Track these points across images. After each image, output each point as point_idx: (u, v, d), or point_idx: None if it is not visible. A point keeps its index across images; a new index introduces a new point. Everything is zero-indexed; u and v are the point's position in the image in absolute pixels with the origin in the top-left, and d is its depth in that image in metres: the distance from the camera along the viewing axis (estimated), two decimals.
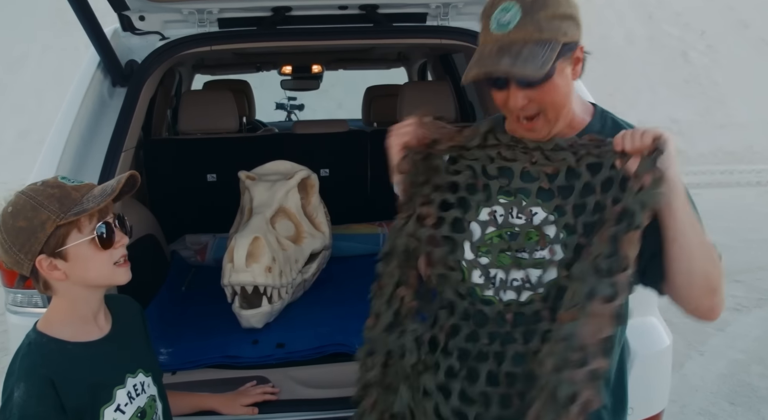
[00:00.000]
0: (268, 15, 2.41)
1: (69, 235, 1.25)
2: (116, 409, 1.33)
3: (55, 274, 1.26)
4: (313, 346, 2.14)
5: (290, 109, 6.88)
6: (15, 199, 1.26)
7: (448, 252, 1.36)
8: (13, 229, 1.24)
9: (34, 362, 1.26)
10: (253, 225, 2.33)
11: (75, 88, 2.11)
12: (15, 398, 1.22)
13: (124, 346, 1.41)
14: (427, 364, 1.33)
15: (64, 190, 1.26)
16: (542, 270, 1.28)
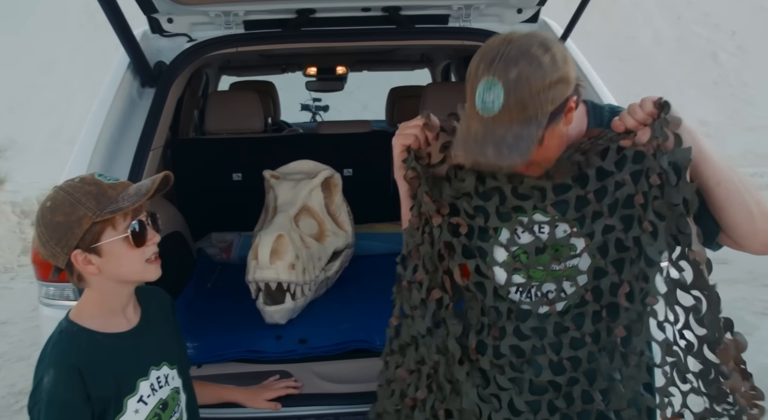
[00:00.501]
0: (293, 17, 2.46)
1: (104, 231, 1.29)
2: (139, 400, 1.37)
3: (89, 268, 1.30)
4: (335, 342, 2.18)
5: (315, 110, 6.92)
6: (53, 194, 1.30)
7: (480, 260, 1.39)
8: (51, 224, 1.27)
9: (64, 350, 1.31)
10: (277, 223, 2.37)
11: (106, 89, 2.17)
12: (44, 383, 1.27)
13: (150, 339, 1.45)
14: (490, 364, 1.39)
15: (100, 188, 1.29)
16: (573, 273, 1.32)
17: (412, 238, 1.43)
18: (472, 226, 1.38)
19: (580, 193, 1.29)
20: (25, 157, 12.46)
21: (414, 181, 1.41)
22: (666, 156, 1.20)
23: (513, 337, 1.37)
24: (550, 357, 1.35)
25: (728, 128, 12.65)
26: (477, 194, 1.37)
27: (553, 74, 1.15)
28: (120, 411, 1.34)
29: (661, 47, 14.71)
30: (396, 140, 1.42)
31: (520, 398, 1.36)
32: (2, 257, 6.59)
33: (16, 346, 4.40)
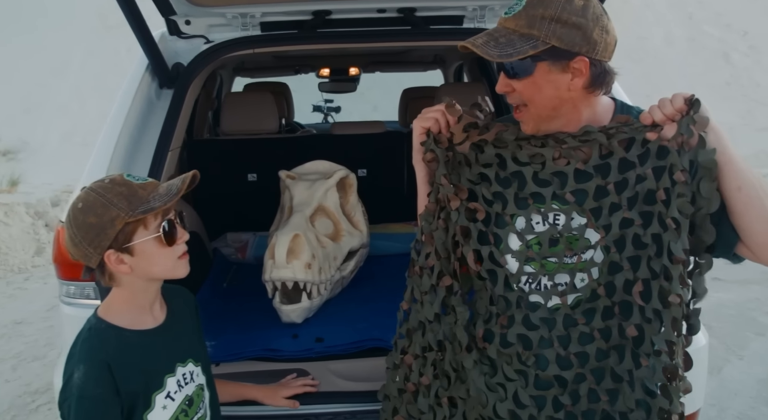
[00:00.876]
0: (309, 19, 2.48)
1: (136, 231, 1.31)
2: (166, 396, 1.39)
3: (121, 267, 1.32)
4: (351, 341, 2.20)
5: (327, 111, 6.95)
6: (84, 195, 1.31)
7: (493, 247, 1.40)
8: (83, 225, 1.29)
9: (93, 346, 1.33)
10: (294, 223, 2.39)
11: (125, 90, 2.20)
12: (74, 379, 1.29)
13: (176, 336, 1.47)
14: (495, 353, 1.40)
15: (131, 189, 1.31)
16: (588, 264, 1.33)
17: (427, 224, 1.44)
18: (489, 212, 1.39)
19: (600, 183, 1.30)
20: (37, 158, 12.53)
21: (432, 164, 1.41)
22: (688, 154, 1.22)
23: (521, 326, 1.38)
24: (557, 351, 1.35)
25: (740, 129, 12.57)
26: (497, 180, 1.38)
27: (574, 16, 1.22)
28: (148, 407, 1.36)
29: (673, 48, 14.64)
30: (416, 123, 1.44)
31: (525, 391, 1.37)
32: (16, 258, 6.64)
33: (31, 346, 4.43)
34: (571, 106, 1.31)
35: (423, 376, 1.48)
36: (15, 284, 6.05)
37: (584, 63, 1.25)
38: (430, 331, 1.45)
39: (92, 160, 2.02)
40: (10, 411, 3.48)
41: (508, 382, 1.38)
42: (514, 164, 1.36)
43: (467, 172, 1.41)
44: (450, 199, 1.38)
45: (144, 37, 2.13)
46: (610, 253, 1.31)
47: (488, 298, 1.41)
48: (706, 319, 2.35)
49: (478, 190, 1.40)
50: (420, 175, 1.50)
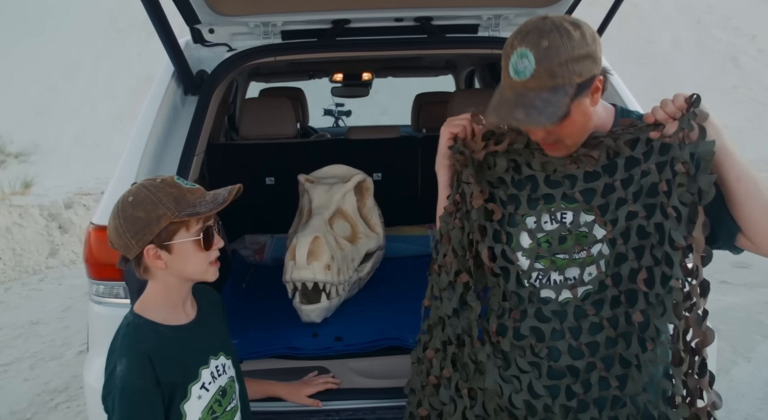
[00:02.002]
0: (329, 27, 2.54)
1: (178, 232, 1.39)
2: (201, 387, 1.47)
3: (157, 263, 1.40)
4: (369, 340, 2.26)
5: (338, 115, 7.01)
6: (136, 190, 1.39)
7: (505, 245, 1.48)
8: (131, 218, 1.36)
9: (133, 340, 1.40)
10: (313, 225, 2.46)
11: (152, 96, 2.27)
12: (117, 372, 1.36)
13: (208, 331, 1.55)
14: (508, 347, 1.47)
15: (180, 191, 1.40)
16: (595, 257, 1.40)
17: (445, 224, 1.54)
18: (504, 213, 1.48)
19: (608, 181, 1.38)
20: (49, 161, 12.62)
21: (460, 163, 1.50)
22: (689, 147, 1.29)
23: (533, 319, 1.45)
24: (568, 342, 1.42)
25: (748, 132, 12.56)
26: (512, 183, 1.47)
27: (581, 48, 1.25)
28: (185, 397, 1.43)
29: (681, 51, 14.63)
30: (444, 129, 1.53)
31: (539, 382, 1.43)
32: (31, 259, 6.72)
33: (48, 346, 4.50)
34: (590, 126, 1.37)
35: (444, 369, 1.55)
36: (30, 285, 6.13)
37: (600, 81, 1.32)
38: (450, 325, 1.53)
39: (122, 163, 2.08)
40: (30, 409, 3.55)
41: (522, 374, 1.45)
42: (528, 169, 1.45)
43: (488, 175, 1.50)
44: (474, 197, 1.46)
45: (171, 46, 2.20)
46: (617, 245, 1.38)
47: (501, 294, 1.49)
48: (714, 322, 2.38)
49: (496, 193, 1.49)
50: (443, 180, 1.58)
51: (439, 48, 2.76)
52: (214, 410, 1.50)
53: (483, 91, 4.30)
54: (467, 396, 1.52)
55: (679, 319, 1.33)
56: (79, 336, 4.54)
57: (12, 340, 4.65)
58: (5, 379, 3.97)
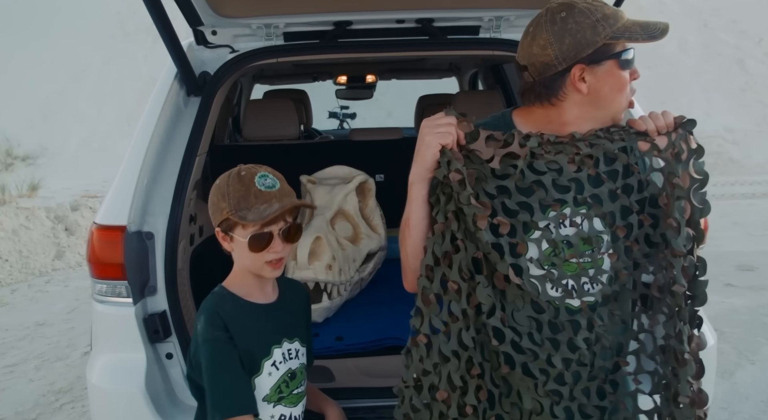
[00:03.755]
0: (330, 29, 2.56)
1: (235, 228, 1.49)
2: (272, 364, 1.56)
3: (225, 245, 1.54)
4: (370, 340, 2.28)
5: (342, 117, 7.03)
6: (224, 177, 1.53)
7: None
8: (211, 198, 1.53)
9: (213, 303, 1.54)
10: (315, 225, 2.48)
11: (155, 97, 2.28)
12: (198, 329, 1.50)
13: (285, 316, 1.63)
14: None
15: (247, 192, 1.47)
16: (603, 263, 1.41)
17: (438, 246, 1.34)
18: (513, 224, 1.35)
19: (612, 188, 1.39)
20: (56, 164, 12.70)
21: (456, 184, 1.31)
22: (682, 165, 1.36)
23: (569, 329, 1.37)
24: (603, 343, 1.41)
25: (755, 135, 12.55)
26: (518, 190, 1.35)
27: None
28: (257, 371, 1.54)
29: (688, 54, 14.62)
30: (431, 139, 1.34)
31: (577, 387, 1.40)
32: (37, 261, 6.76)
33: (54, 347, 4.53)
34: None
35: (466, 405, 1.35)
36: (36, 287, 6.17)
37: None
38: (469, 357, 1.35)
39: (125, 163, 2.10)
40: (35, 409, 3.57)
41: (562, 386, 1.38)
42: (533, 174, 1.35)
43: (486, 187, 1.36)
44: (477, 219, 1.30)
45: (174, 48, 2.21)
46: (633, 251, 1.41)
47: (530, 309, 1.36)
48: (719, 325, 2.40)
49: (496, 204, 1.35)
50: (420, 194, 1.39)
51: (441, 49, 2.77)
52: (282, 390, 1.57)
53: (486, 93, 4.31)
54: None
55: (684, 322, 1.36)
56: (84, 337, 4.56)
57: (18, 341, 4.68)
58: (11, 379, 4.00)
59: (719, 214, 7.99)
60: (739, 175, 11.00)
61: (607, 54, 1.36)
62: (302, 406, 1.66)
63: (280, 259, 1.54)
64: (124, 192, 2.03)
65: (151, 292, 2.01)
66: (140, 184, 2.05)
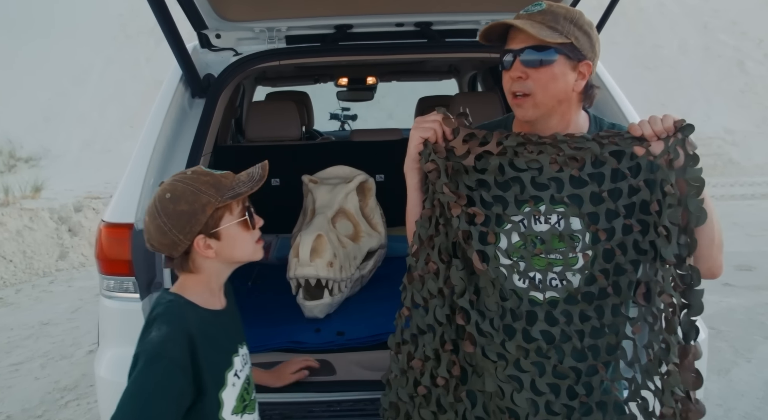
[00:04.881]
0: (332, 32, 2.61)
1: (223, 217, 1.39)
2: (234, 374, 1.46)
3: (208, 252, 1.39)
4: (370, 334, 2.34)
5: (344, 119, 7.07)
6: (170, 186, 1.39)
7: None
8: (174, 213, 1.35)
9: (176, 314, 1.38)
10: (317, 224, 2.53)
11: (160, 99, 2.34)
12: (153, 337, 1.31)
13: (234, 319, 1.56)
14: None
15: (215, 178, 1.41)
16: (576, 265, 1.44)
17: (424, 229, 1.49)
18: (488, 215, 1.45)
19: (595, 190, 1.42)
20: (59, 165, 12.74)
21: (433, 173, 1.45)
22: (676, 172, 1.35)
23: (543, 323, 1.44)
24: (574, 344, 1.44)
25: (755, 137, 12.57)
26: (496, 184, 1.46)
27: (586, 26, 1.41)
28: (223, 385, 1.42)
29: (688, 56, 14.65)
30: (414, 133, 1.49)
31: (542, 380, 1.44)
32: (41, 262, 6.81)
33: (58, 346, 4.58)
34: (567, 107, 1.45)
35: (437, 377, 1.49)
36: (40, 287, 6.22)
37: (588, 68, 1.42)
38: (443, 332, 1.48)
39: (131, 164, 2.15)
40: (41, 407, 3.62)
41: (523, 373, 1.44)
42: (512, 170, 1.45)
43: (465, 179, 1.47)
44: (451, 207, 1.43)
45: (179, 50, 2.27)
46: (616, 256, 1.42)
47: (498, 295, 1.46)
48: (716, 323, 2.43)
49: (475, 195, 1.47)
50: (412, 183, 1.55)
51: (439, 52, 2.83)
52: (244, 398, 1.50)
53: (485, 94, 4.36)
54: (466, 399, 1.50)
55: (671, 333, 1.36)
56: (88, 336, 4.61)
57: (23, 340, 4.73)
58: (17, 377, 4.04)
59: (719, 214, 7.97)
60: (738, 176, 11.03)
61: None
62: (258, 408, 1.59)
63: (260, 237, 1.49)
64: (131, 191, 2.08)
65: (157, 288, 2.06)
66: (147, 183, 2.10)
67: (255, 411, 1.56)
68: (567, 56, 1.39)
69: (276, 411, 1.97)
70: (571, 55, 1.39)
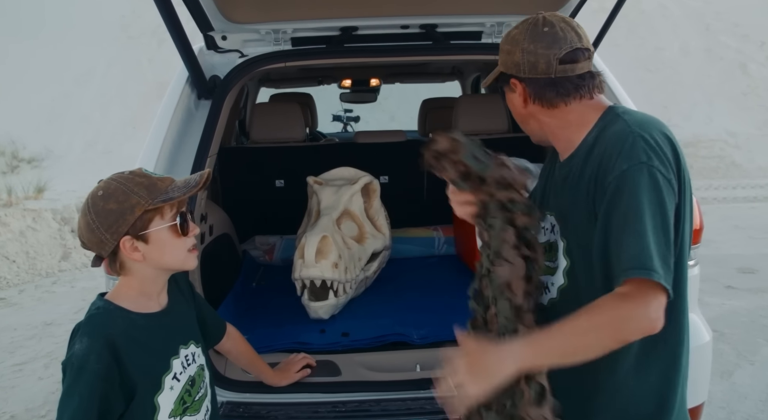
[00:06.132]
0: (337, 34, 2.62)
1: (153, 220, 1.36)
2: (173, 378, 1.43)
3: (134, 255, 1.36)
4: (375, 336, 2.34)
5: (346, 120, 7.08)
6: (105, 184, 1.37)
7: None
8: (102, 211, 1.33)
9: (99, 323, 1.35)
10: (322, 225, 2.54)
11: (167, 100, 2.35)
12: (76, 350, 1.30)
13: (178, 319, 1.51)
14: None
15: (150, 180, 1.38)
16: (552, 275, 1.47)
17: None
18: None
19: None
20: (61, 166, 12.73)
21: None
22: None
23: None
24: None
25: (757, 139, 12.55)
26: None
27: (504, 44, 1.45)
28: (159, 389, 1.40)
29: (690, 58, 14.62)
30: (463, 215, 1.51)
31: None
32: (44, 262, 6.81)
33: (62, 346, 4.57)
34: (536, 121, 1.46)
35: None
36: (43, 288, 6.22)
37: (514, 82, 1.43)
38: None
39: (139, 163, 2.16)
40: (45, 407, 3.63)
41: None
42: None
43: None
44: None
45: (186, 52, 2.28)
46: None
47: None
48: (719, 326, 2.43)
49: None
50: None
51: (444, 54, 2.84)
52: (185, 400, 1.46)
53: (488, 96, 4.37)
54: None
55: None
56: None
57: (26, 340, 4.73)
58: (20, 377, 4.05)
59: (721, 217, 8.01)
60: (740, 179, 11.01)
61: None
62: (205, 408, 1.56)
63: (195, 246, 1.46)
64: None
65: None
66: None
67: (199, 412, 1.53)
68: (503, 85, 1.46)
69: (281, 412, 1.98)
70: (504, 82, 1.45)
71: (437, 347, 2.24)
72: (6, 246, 6.73)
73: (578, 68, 1.39)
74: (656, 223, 1.23)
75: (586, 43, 1.40)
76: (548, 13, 1.42)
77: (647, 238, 1.21)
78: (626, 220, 1.24)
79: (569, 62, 1.38)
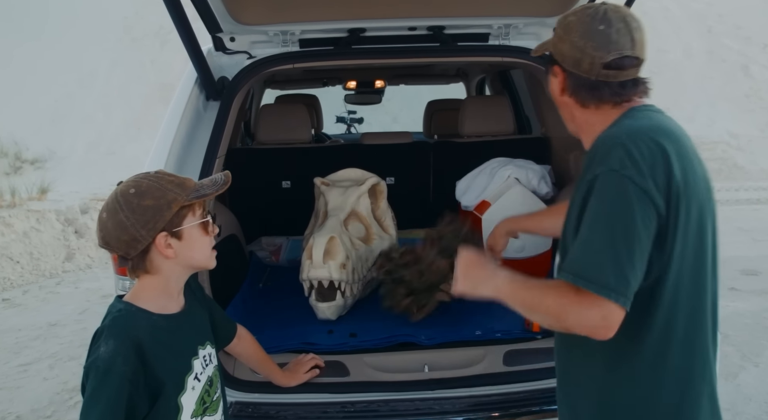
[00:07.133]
0: (345, 36, 2.63)
1: (186, 217, 1.39)
2: (195, 378, 1.45)
3: (167, 251, 1.37)
4: (383, 336, 2.35)
5: (350, 122, 7.09)
6: (135, 183, 1.37)
7: None
8: (138, 208, 1.33)
9: (124, 325, 1.36)
10: (329, 226, 2.54)
11: (176, 101, 2.36)
12: (101, 353, 1.30)
13: (195, 320, 1.54)
14: None
15: (179, 179, 1.42)
16: None
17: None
18: None
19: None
20: (64, 167, 12.73)
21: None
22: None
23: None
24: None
25: (760, 141, 12.54)
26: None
27: (559, 28, 1.44)
28: (182, 389, 1.41)
29: (692, 61, 14.63)
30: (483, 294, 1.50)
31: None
32: (48, 263, 6.82)
33: (66, 347, 4.59)
34: (568, 111, 1.48)
35: None
36: (47, 288, 6.23)
37: (557, 69, 1.45)
38: None
39: (148, 164, 2.17)
40: (50, 407, 3.63)
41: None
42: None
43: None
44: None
45: (195, 54, 2.29)
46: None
47: None
48: (723, 328, 2.41)
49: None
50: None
51: (451, 56, 2.85)
52: (205, 400, 1.48)
53: (494, 98, 4.38)
54: None
55: None
56: None
57: (31, 341, 4.74)
58: (25, 378, 4.06)
59: (724, 219, 7.96)
60: (743, 181, 11.00)
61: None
62: (221, 409, 1.57)
63: (214, 247, 1.50)
64: None
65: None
66: None
67: (217, 412, 1.55)
68: (548, 62, 1.48)
69: (290, 412, 1.99)
70: (549, 61, 1.47)
71: (445, 348, 2.25)
72: (10, 247, 6.74)
73: (622, 75, 1.38)
74: (615, 233, 1.22)
75: (638, 50, 1.38)
76: (612, 6, 1.40)
77: (593, 246, 1.23)
78: (585, 223, 1.26)
79: (614, 69, 1.36)
